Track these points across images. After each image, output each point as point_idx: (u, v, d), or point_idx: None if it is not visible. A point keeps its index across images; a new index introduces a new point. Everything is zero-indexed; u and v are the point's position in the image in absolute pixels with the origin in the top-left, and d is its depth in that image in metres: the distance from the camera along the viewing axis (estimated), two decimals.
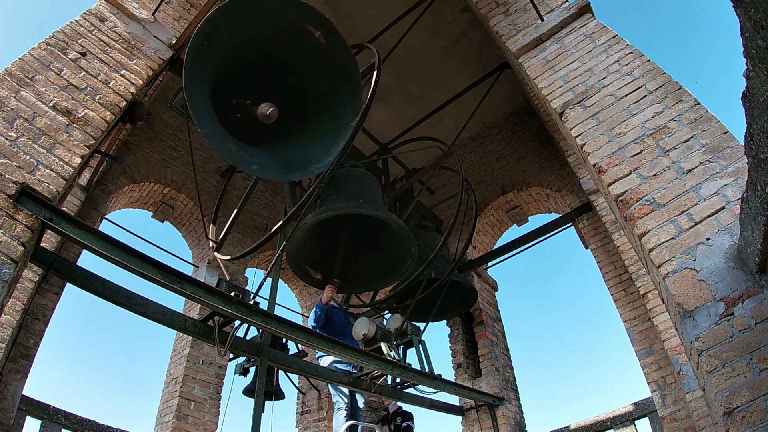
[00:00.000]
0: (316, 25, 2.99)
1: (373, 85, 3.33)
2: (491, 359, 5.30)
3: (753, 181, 1.35)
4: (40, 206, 2.16)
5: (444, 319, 5.84)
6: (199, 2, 3.59)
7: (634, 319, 4.28)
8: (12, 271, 1.96)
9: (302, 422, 6.02)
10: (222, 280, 2.97)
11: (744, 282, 1.68)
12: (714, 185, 1.98)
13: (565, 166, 5.47)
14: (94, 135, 2.54)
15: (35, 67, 2.49)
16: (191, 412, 4.59)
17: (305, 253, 4.32)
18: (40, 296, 3.72)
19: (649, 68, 2.57)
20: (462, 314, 5.74)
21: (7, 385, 3.33)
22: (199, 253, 6.04)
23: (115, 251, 2.39)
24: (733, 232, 1.82)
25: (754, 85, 1.14)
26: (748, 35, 1.08)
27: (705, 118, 2.21)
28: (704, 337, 1.69)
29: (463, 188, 4.89)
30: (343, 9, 5.49)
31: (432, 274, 5.02)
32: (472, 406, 5.13)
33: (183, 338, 4.99)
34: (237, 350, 3.33)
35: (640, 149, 2.30)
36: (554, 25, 3.18)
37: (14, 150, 2.20)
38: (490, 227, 6.67)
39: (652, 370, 3.95)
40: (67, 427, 3.89)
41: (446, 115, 6.21)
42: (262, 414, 3.28)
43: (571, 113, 2.69)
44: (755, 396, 1.51)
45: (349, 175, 4.42)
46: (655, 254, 1.97)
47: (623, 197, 2.21)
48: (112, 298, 2.66)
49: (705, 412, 3.15)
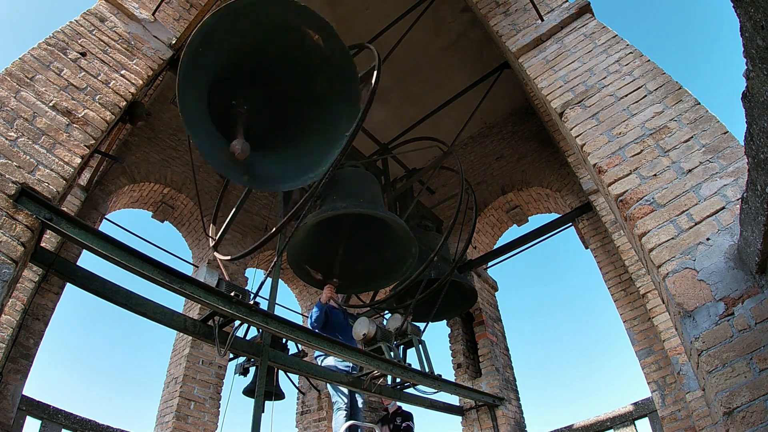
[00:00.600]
0: (315, 27, 2.96)
1: (373, 85, 3.33)
2: (491, 359, 5.30)
3: (753, 181, 1.35)
4: (40, 206, 2.16)
5: (444, 319, 5.83)
6: (199, 2, 3.59)
7: (634, 319, 4.28)
8: (12, 271, 1.96)
9: (302, 422, 6.03)
10: (222, 280, 2.97)
11: (744, 282, 1.68)
12: (714, 185, 1.98)
13: (565, 166, 5.47)
14: (94, 135, 2.54)
15: (35, 67, 2.49)
16: (191, 412, 4.59)
17: (305, 253, 4.32)
18: (40, 296, 3.72)
19: (649, 68, 2.57)
20: (462, 314, 5.74)
21: (7, 385, 3.33)
22: (199, 253, 6.04)
23: (115, 251, 2.39)
24: (733, 232, 1.82)
25: (754, 85, 1.14)
26: (748, 35, 1.08)
27: (705, 118, 2.21)
28: (704, 337, 1.69)
29: (463, 188, 4.89)
30: (343, 9, 5.49)
31: (432, 274, 5.01)
32: (472, 406, 5.13)
33: (183, 338, 5.00)
34: (237, 350, 3.33)
35: (640, 149, 2.30)
36: (554, 25, 3.18)
37: (14, 150, 2.20)
38: (490, 227, 6.67)
39: (652, 370, 3.95)
40: (67, 427, 3.89)
41: (446, 115, 6.20)
42: (262, 414, 3.27)
43: (571, 113, 2.69)
44: (755, 396, 1.51)
45: (349, 175, 4.42)
46: (655, 254, 1.97)
47: (623, 197, 2.21)
48: (112, 298, 2.65)
49: (705, 412, 3.15)
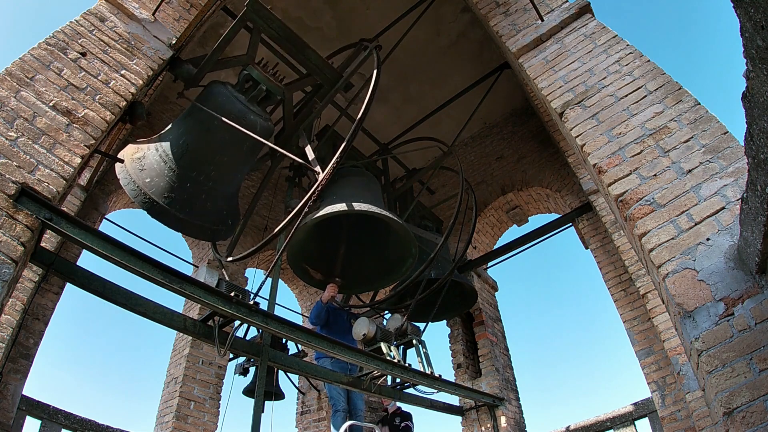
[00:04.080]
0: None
1: (373, 85, 3.33)
2: (491, 359, 5.30)
3: (753, 181, 1.35)
4: (40, 206, 2.16)
5: (444, 319, 5.83)
6: (199, 2, 3.59)
7: (634, 320, 4.28)
8: (12, 271, 1.96)
9: (302, 422, 6.02)
10: (222, 280, 2.97)
11: (744, 282, 1.68)
12: (714, 185, 1.98)
13: (565, 166, 5.47)
14: (94, 135, 2.54)
15: (35, 67, 2.48)
16: (191, 412, 4.59)
17: (305, 253, 4.32)
18: (40, 296, 3.72)
19: (649, 68, 2.57)
20: (462, 314, 5.73)
21: (7, 385, 3.32)
22: (199, 253, 6.04)
23: (115, 251, 2.39)
24: (733, 232, 1.81)
25: (754, 85, 1.14)
26: (748, 35, 1.08)
27: (705, 118, 2.21)
28: (704, 337, 1.69)
29: (463, 188, 4.89)
30: (343, 9, 5.49)
31: (432, 274, 5.01)
32: (472, 407, 5.12)
33: (183, 338, 4.99)
34: (237, 350, 3.33)
35: (640, 149, 2.30)
36: (554, 26, 3.18)
37: (14, 150, 2.20)
38: (490, 227, 6.67)
39: (652, 371, 3.95)
40: (67, 427, 3.89)
41: (446, 115, 6.20)
42: (262, 414, 3.27)
43: (571, 113, 2.69)
44: (755, 396, 1.50)
45: (349, 175, 4.42)
46: (655, 254, 1.97)
47: (623, 197, 2.20)
48: (112, 298, 2.65)
49: (705, 412, 3.14)
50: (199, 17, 3.44)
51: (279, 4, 5.19)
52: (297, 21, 5.43)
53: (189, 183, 3.30)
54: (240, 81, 3.56)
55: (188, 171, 3.30)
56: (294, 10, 5.41)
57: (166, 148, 3.31)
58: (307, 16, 5.51)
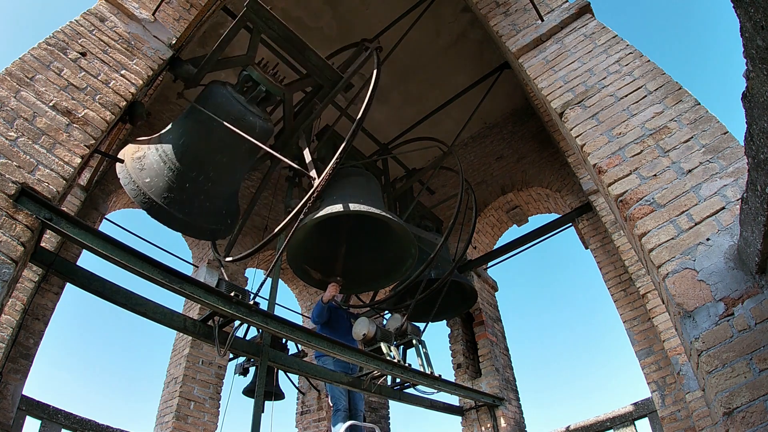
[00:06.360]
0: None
1: (372, 85, 3.34)
2: (491, 359, 5.30)
3: (753, 182, 1.35)
4: (40, 206, 2.16)
5: (444, 319, 5.83)
6: (199, 2, 3.59)
7: (634, 320, 4.28)
8: (12, 271, 1.96)
9: (302, 422, 6.02)
10: (222, 280, 2.97)
11: (744, 282, 1.68)
12: (714, 185, 1.98)
13: (565, 166, 5.47)
14: (94, 135, 2.54)
15: (35, 67, 2.48)
16: (191, 412, 4.59)
17: (305, 253, 4.32)
18: (40, 296, 3.72)
19: (649, 68, 2.57)
20: (462, 314, 5.73)
21: (7, 385, 3.32)
22: (199, 253, 6.04)
23: (115, 251, 2.39)
24: (733, 232, 1.81)
25: (754, 85, 1.14)
26: (748, 35, 1.08)
27: (705, 118, 2.21)
28: (704, 337, 1.69)
29: (463, 188, 4.89)
30: (343, 9, 5.49)
31: (432, 274, 5.01)
32: (472, 407, 5.12)
33: (183, 338, 4.99)
34: (237, 350, 3.33)
35: (640, 149, 2.30)
36: (554, 26, 3.18)
37: (14, 150, 2.20)
38: (490, 227, 6.67)
39: (652, 371, 3.95)
40: (67, 427, 3.89)
41: (446, 115, 6.20)
42: (262, 414, 3.28)
43: (571, 113, 2.69)
44: (755, 396, 1.50)
45: (349, 175, 4.42)
46: (655, 254, 1.97)
47: (623, 197, 2.20)
48: (112, 298, 2.65)
49: (705, 412, 3.14)
50: (199, 17, 3.44)
51: (279, 4, 5.19)
52: (297, 21, 5.43)
53: (189, 183, 3.30)
54: (240, 81, 3.56)
55: (188, 171, 3.30)
56: (294, 10, 5.41)
57: (166, 148, 3.31)
58: (307, 16, 5.52)
